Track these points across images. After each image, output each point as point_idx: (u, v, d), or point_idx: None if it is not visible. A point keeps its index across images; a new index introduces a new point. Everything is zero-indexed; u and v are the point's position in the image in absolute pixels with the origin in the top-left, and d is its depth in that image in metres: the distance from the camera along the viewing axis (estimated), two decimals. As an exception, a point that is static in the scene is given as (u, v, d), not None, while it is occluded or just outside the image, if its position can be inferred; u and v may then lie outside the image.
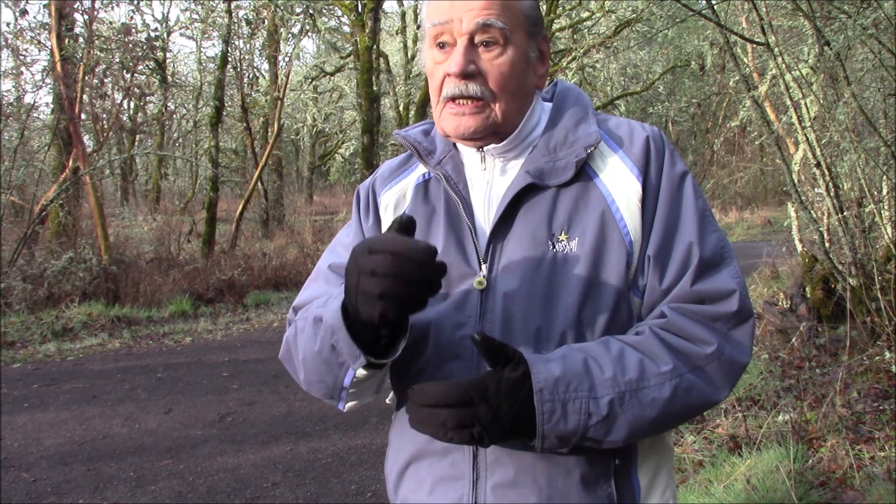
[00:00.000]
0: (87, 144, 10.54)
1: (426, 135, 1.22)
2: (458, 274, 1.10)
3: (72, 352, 7.01)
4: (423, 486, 1.13)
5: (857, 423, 3.50)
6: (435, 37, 1.09)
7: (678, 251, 1.06)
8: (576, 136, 1.11)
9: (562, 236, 1.07)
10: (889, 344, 4.18)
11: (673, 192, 1.09)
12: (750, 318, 1.06)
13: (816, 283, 5.36)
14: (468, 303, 1.09)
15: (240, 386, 5.65)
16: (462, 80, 1.06)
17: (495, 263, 1.09)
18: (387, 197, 1.22)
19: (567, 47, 16.17)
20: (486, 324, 1.07)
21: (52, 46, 9.17)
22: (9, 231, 9.49)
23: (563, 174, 1.09)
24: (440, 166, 1.15)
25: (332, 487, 3.71)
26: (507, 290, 1.07)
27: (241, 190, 17.86)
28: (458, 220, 1.13)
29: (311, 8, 12.81)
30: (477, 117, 1.08)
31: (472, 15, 1.05)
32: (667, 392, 1.01)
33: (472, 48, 1.07)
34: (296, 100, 20.80)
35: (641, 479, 1.10)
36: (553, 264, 1.06)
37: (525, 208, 1.09)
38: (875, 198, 4.73)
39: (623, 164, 1.10)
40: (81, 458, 4.14)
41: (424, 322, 1.10)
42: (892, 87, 4.58)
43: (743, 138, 20.63)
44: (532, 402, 0.97)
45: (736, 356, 1.05)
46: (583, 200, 1.09)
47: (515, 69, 1.08)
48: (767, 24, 4.41)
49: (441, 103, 1.10)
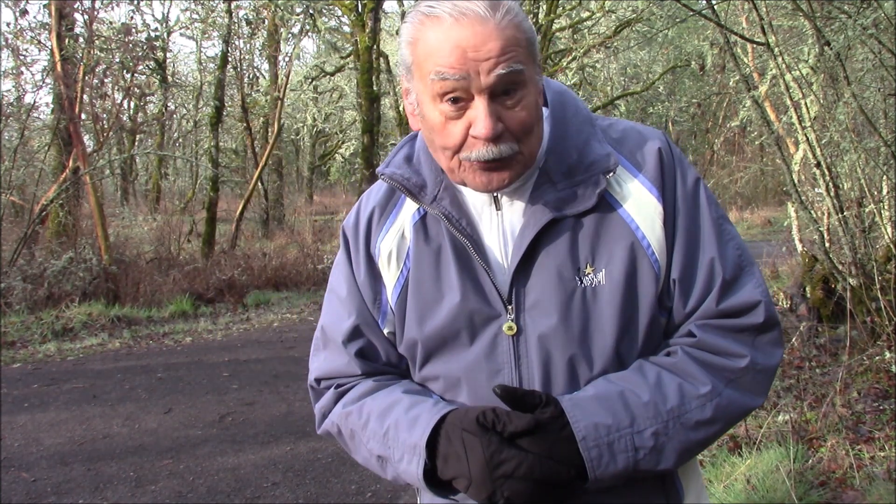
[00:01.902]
0: (87, 144, 10.55)
1: (409, 162, 1.11)
2: (481, 320, 1.04)
3: (72, 352, 7.01)
4: None
5: (857, 423, 3.51)
6: (444, 93, 0.96)
7: (701, 270, 1.03)
8: (588, 157, 1.04)
9: (588, 269, 1.02)
10: (889, 344, 4.18)
11: (689, 208, 1.05)
12: (777, 325, 1.05)
13: (816, 283, 5.36)
14: (499, 349, 1.04)
15: (240, 386, 5.65)
16: (493, 144, 0.96)
17: (522, 305, 1.03)
18: (386, 244, 1.11)
19: (567, 47, 16.18)
20: (522, 369, 1.03)
21: (52, 46, 9.17)
22: (9, 231, 9.49)
23: (584, 203, 1.02)
24: (437, 203, 1.06)
25: (332, 487, 3.71)
26: (541, 332, 1.02)
27: (241, 190, 17.88)
28: (468, 261, 1.05)
29: (311, 8, 12.81)
30: (510, 170, 0.99)
31: (490, 66, 0.93)
32: (709, 412, 1.00)
33: (494, 101, 0.96)
34: (296, 100, 20.80)
35: (682, 477, 1.11)
36: (583, 300, 1.02)
37: (546, 243, 1.02)
38: (875, 198, 4.73)
39: (643, 186, 1.04)
40: (81, 458, 4.14)
41: (454, 374, 1.06)
42: (892, 87, 4.58)
43: (743, 138, 20.64)
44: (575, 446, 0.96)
45: (768, 362, 1.04)
46: (605, 229, 1.03)
47: (534, 107, 1.00)
48: (767, 24, 4.41)
49: (459, 160, 1.00)
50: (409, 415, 1.04)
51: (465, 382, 1.05)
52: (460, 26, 0.93)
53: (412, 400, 1.06)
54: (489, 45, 0.93)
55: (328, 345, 1.17)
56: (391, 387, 1.11)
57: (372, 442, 1.07)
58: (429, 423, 1.00)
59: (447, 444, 0.98)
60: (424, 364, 1.10)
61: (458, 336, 1.05)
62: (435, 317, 1.06)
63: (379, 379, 1.14)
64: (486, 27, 0.93)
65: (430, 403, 1.05)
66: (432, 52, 0.95)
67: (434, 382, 1.10)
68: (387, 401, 1.08)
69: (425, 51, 0.97)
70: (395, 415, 1.05)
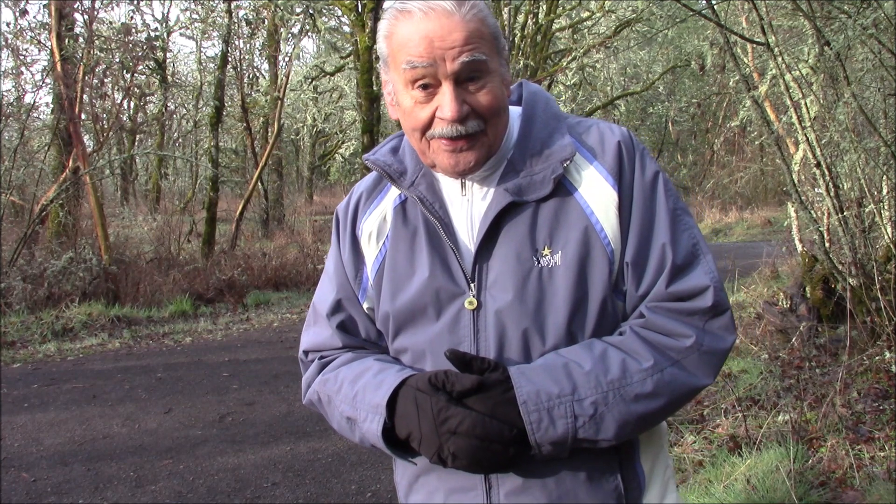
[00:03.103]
0: (87, 144, 10.56)
1: (395, 152, 1.21)
2: (446, 295, 1.13)
3: (72, 352, 7.02)
4: (435, 496, 1.17)
5: (857, 423, 3.50)
6: (414, 80, 1.07)
7: (653, 255, 1.10)
8: (550, 149, 1.12)
9: (545, 251, 1.10)
10: (889, 344, 4.18)
11: (646, 196, 1.12)
12: (726, 309, 1.10)
13: (816, 283, 5.35)
14: (460, 323, 1.12)
15: (240, 386, 5.65)
16: (459, 123, 1.06)
17: (483, 282, 1.11)
18: (368, 224, 1.22)
19: (567, 47, 16.19)
20: (480, 342, 1.10)
21: (52, 46, 9.17)
22: (9, 231, 9.50)
23: (541, 189, 1.10)
24: (414, 188, 1.15)
25: (332, 487, 3.71)
26: (498, 308, 1.10)
27: (241, 190, 17.88)
28: (439, 242, 1.15)
29: (311, 8, 12.81)
30: (474, 151, 1.09)
31: (454, 54, 1.04)
32: (649, 387, 1.05)
33: (459, 87, 1.06)
34: (296, 100, 20.80)
35: (644, 465, 1.16)
36: (539, 279, 1.09)
37: (507, 226, 1.11)
38: (875, 198, 4.73)
39: (598, 174, 1.12)
40: (81, 458, 4.14)
41: (420, 346, 1.15)
42: (892, 87, 4.58)
43: (743, 138, 20.64)
44: (517, 409, 1.02)
45: (716, 345, 1.09)
46: (563, 214, 1.11)
47: (499, 95, 1.10)
48: (767, 24, 4.41)
49: (428, 140, 1.10)
50: (377, 378, 1.13)
51: (429, 354, 1.14)
52: (428, 20, 1.04)
53: (381, 366, 1.16)
54: (454, 35, 1.04)
55: (317, 320, 1.28)
56: (366, 357, 1.21)
57: (343, 405, 1.17)
58: (391, 385, 1.09)
59: (403, 404, 1.08)
60: (396, 337, 1.18)
61: (425, 311, 1.14)
62: (406, 291, 1.15)
63: (358, 352, 1.24)
64: (451, 20, 1.04)
65: (395, 369, 1.15)
66: (404, 43, 1.06)
67: (404, 355, 1.18)
68: (359, 368, 1.18)
69: (398, 43, 1.07)
70: (364, 379, 1.15)
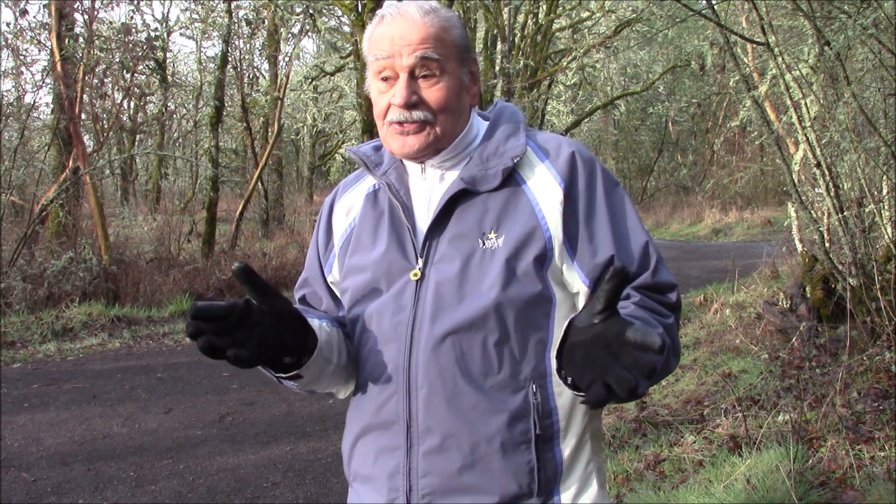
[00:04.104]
0: (87, 144, 10.54)
1: (377, 150, 1.36)
2: (398, 269, 1.25)
3: (72, 352, 7.01)
4: (368, 458, 1.27)
5: (857, 423, 3.50)
6: (378, 71, 1.23)
7: (636, 251, 1.23)
8: (505, 147, 1.26)
9: (491, 234, 1.21)
10: (889, 344, 4.18)
11: (605, 197, 1.24)
12: (679, 308, 1.26)
13: (816, 283, 5.35)
14: (405, 292, 1.23)
15: (240, 386, 5.65)
16: (406, 110, 1.21)
17: (430, 258, 1.23)
18: (340, 205, 1.39)
19: (567, 47, 16.19)
20: (419, 309, 1.21)
21: (52, 46, 9.16)
22: (9, 231, 9.49)
23: (493, 181, 1.23)
24: (385, 176, 1.30)
25: (332, 487, 3.71)
26: (439, 279, 1.21)
27: (241, 190, 17.86)
28: (399, 222, 1.28)
29: (311, 8, 12.80)
30: (419, 136, 1.23)
31: (410, 50, 1.20)
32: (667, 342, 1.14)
33: (413, 80, 1.22)
34: (296, 100, 20.78)
35: (563, 451, 1.22)
36: (481, 258, 1.20)
37: (459, 211, 1.24)
38: (875, 198, 4.72)
39: (548, 171, 1.24)
40: (81, 458, 4.14)
41: (369, 312, 1.26)
42: (892, 87, 4.58)
43: (743, 138, 20.64)
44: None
45: (675, 337, 1.22)
46: (512, 203, 1.23)
47: (451, 93, 1.23)
48: (767, 24, 4.41)
49: (386, 126, 1.25)
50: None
51: (375, 319, 1.25)
52: (395, 23, 1.22)
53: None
54: (412, 35, 1.21)
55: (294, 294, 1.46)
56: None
57: None
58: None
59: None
60: (352, 306, 1.31)
61: (378, 282, 1.26)
62: (364, 264, 1.29)
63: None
64: (414, 24, 1.21)
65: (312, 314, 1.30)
66: (375, 41, 1.24)
67: (358, 322, 1.29)
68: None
69: (371, 42, 1.25)
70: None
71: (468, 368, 1.17)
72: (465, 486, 1.18)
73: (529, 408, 1.18)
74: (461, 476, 1.18)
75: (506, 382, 1.18)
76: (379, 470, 1.24)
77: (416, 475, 1.20)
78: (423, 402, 1.19)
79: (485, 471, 1.17)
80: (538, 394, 1.19)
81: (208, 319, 1.03)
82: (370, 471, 1.26)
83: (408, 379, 1.20)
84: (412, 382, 1.19)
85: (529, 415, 1.18)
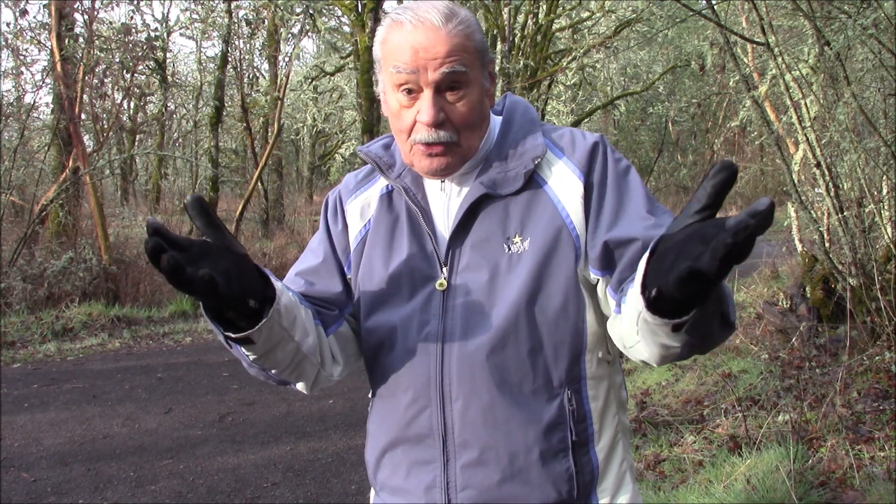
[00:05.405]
0: (87, 144, 10.54)
1: (387, 149, 1.30)
2: (420, 277, 1.20)
3: (72, 352, 7.02)
4: (399, 470, 1.22)
5: (857, 423, 3.50)
6: (399, 84, 1.15)
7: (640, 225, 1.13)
8: (524, 147, 1.21)
9: (516, 238, 1.17)
10: (889, 344, 4.18)
11: (618, 181, 1.17)
12: None
13: (816, 283, 5.35)
14: (432, 303, 1.19)
15: (240, 386, 5.65)
16: (433, 129, 1.15)
17: (455, 266, 1.19)
18: (352, 206, 1.31)
19: (567, 47, 16.18)
20: (447, 320, 1.17)
21: (52, 46, 9.16)
22: (9, 231, 9.49)
23: (514, 184, 1.19)
24: (400, 179, 1.24)
25: (332, 487, 3.71)
26: (466, 289, 1.17)
27: (241, 190, 17.85)
28: (419, 228, 1.23)
29: (311, 8, 12.80)
30: (448, 157, 1.17)
31: (437, 65, 1.12)
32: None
33: (439, 95, 1.14)
34: (296, 100, 20.76)
35: (599, 454, 1.20)
36: (508, 264, 1.16)
37: (481, 216, 1.19)
38: (875, 198, 4.73)
39: (567, 168, 1.20)
40: (81, 458, 4.14)
41: (392, 324, 1.20)
42: (892, 87, 4.58)
43: (743, 138, 20.62)
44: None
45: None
46: (534, 205, 1.18)
47: (476, 105, 1.18)
48: (767, 24, 4.41)
49: (411, 144, 1.18)
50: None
51: (399, 332, 1.19)
52: (417, 31, 1.13)
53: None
54: (438, 48, 1.12)
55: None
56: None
57: None
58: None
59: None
60: (369, 315, 1.24)
61: (399, 290, 1.21)
62: (382, 271, 1.23)
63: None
64: (437, 34, 1.13)
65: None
66: (393, 50, 1.15)
67: (375, 333, 1.23)
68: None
69: (389, 49, 1.16)
70: None
71: (503, 379, 1.15)
72: (504, 498, 1.16)
73: (565, 415, 1.16)
74: (500, 489, 1.16)
75: (541, 391, 1.15)
76: (413, 484, 1.21)
77: (455, 489, 1.17)
78: (458, 415, 1.16)
79: (525, 482, 1.15)
80: (573, 399, 1.16)
81: (170, 244, 0.88)
82: (402, 484, 1.22)
83: (441, 392, 1.16)
84: (445, 395, 1.16)
85: (566, 422, 1.16)
